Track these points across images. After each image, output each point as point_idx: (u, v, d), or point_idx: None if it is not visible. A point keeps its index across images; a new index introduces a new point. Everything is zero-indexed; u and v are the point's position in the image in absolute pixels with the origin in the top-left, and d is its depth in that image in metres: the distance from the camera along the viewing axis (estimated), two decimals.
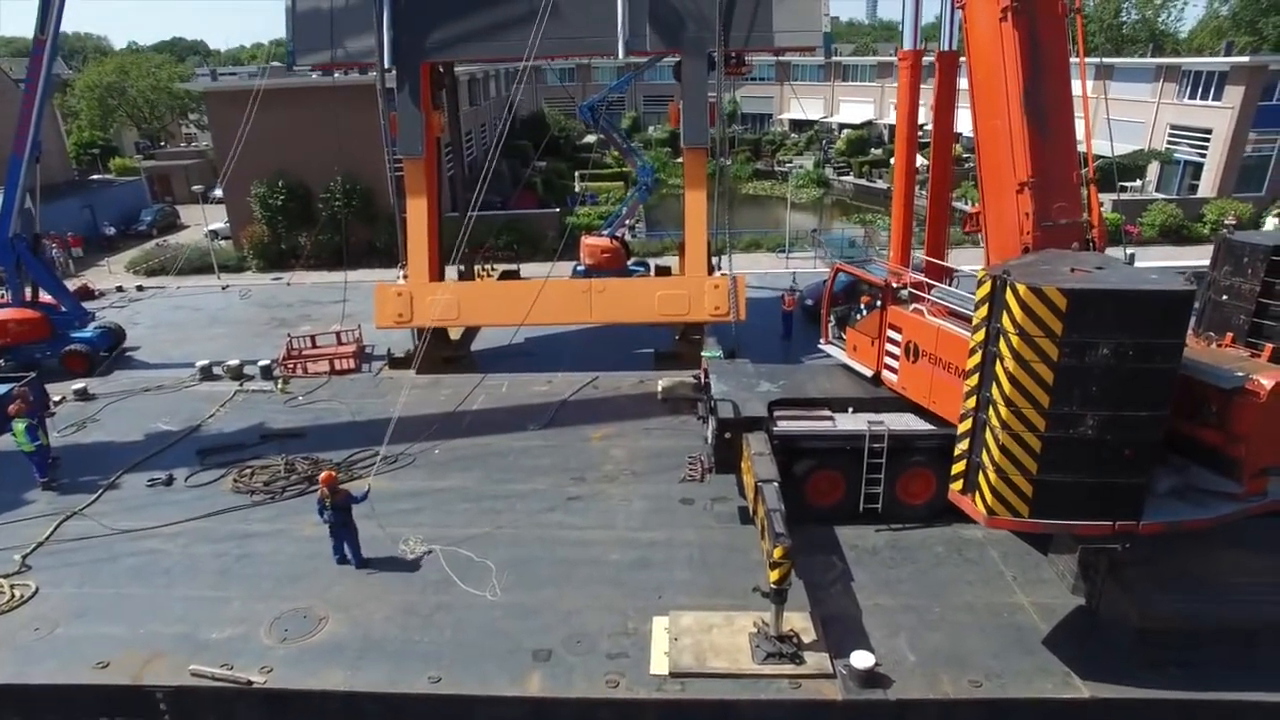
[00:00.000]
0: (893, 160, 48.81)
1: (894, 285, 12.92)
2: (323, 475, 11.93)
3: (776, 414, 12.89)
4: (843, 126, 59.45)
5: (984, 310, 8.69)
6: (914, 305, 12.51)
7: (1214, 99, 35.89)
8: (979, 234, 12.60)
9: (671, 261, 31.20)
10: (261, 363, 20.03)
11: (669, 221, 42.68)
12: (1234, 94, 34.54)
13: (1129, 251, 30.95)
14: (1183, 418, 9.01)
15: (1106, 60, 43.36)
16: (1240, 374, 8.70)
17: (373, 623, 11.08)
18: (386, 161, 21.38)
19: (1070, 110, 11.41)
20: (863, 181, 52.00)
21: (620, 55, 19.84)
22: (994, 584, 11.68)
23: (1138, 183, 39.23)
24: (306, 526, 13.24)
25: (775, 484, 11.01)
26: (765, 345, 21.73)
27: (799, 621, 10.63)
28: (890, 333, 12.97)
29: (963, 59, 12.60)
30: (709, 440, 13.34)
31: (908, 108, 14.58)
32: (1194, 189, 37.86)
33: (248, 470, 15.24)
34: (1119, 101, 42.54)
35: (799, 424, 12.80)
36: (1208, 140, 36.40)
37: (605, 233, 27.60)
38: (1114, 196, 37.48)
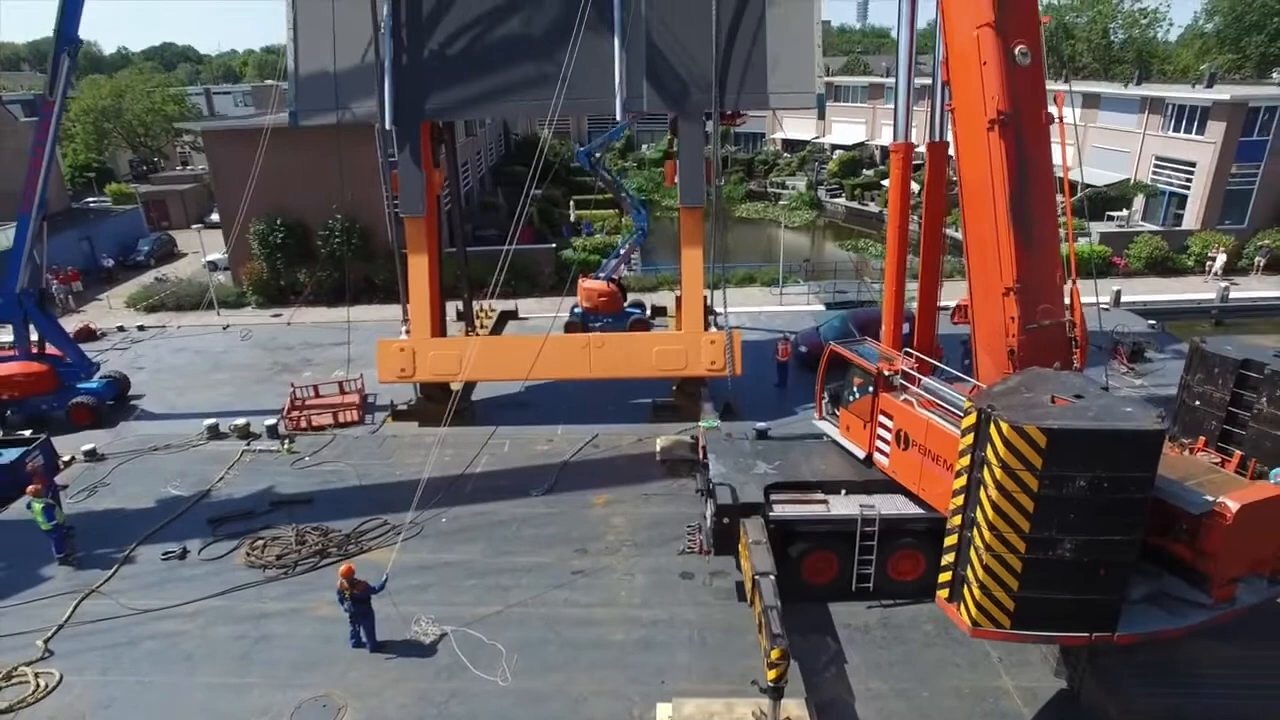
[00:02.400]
0: (885, 183, 49.51)
1: (885, 373, 13.45)
2: (342, 568, 12.38)
3: (773, 498, 13.42)
4: (835, 147, 60.09)
5: (969, 438, 9.24)
6: (904, 395, 13.04)
7: (1197, 133, 36.61)
8: (968, 324, 13.18)
9: (667, 299, 31.76)
10: (268, 422, 20.42)
11: (662, 246, 43.18)
12: (1216, 129, 35.25)
13: (1115, 289, 31.67)
14: (1155, 533, 9.58)
15: (1093, 89, 44.08)
16: (1208, 498, 9.28)
17: (389, 712, 11.56)
18: (385, 201, 21.72)
19: (1054, 216, 12.00)
20: (854, 204, 52.69)
21: (618, 116, 20.35)
22: (980, 667, 12.23)
23: (1124, 212, 39.97)
24: (320, 605, 13.72)
25: (772, 577, 11.55)
26: (761, 395, 22.24)
27: (795, 709, 11.12)
28: (882, 417, 13.51)
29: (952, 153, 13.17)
30: (708, 522, 13.86)
31: (899, 199, 15.10)
32: (1179, 218, 38.60)
33: (259, 542, 15.68)
34: (1106, 130, 43.40)
35: (794, 508, 13.33)
36: (1192, 172, 37.12)
37: (602, 275, 28.17)
38: (1101, 229, 38.30)
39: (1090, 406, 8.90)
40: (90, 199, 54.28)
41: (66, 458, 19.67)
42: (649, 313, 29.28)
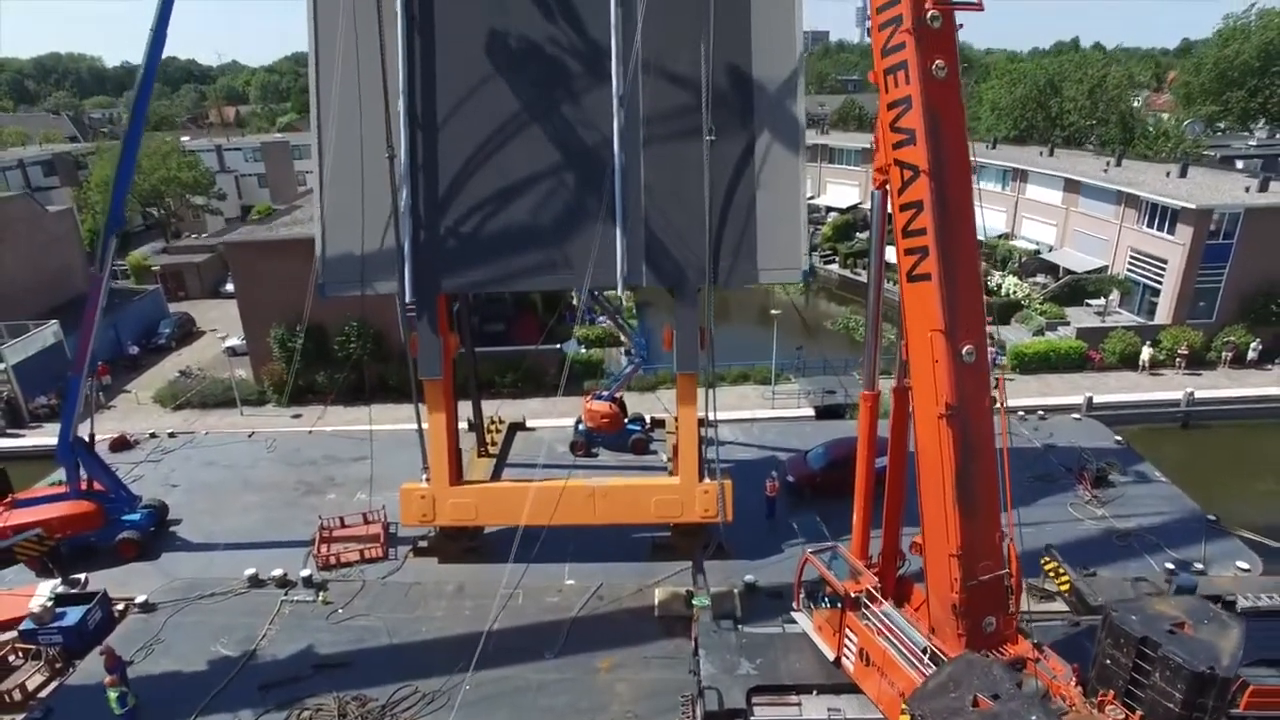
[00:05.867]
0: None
1: (852, 594, 15.48)
2: None
3: (754, 700, 15.48)
4: (829, 209, 62.09)
5: None
6: (866, 619, 15.07)
7: (1168, 232, 38.62)
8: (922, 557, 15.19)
9: (666, 398, 33.79)
10: (303, 572, 22.42)
11: (660, 307, 44.92)
12: (1185, 232, 37.28)
13: (1087, 395, 33.75)
14: None
15: (1073, 176, 46.09)
16: None
17: None
18: (400, 311, 22.88)
19: (996, 490, 13.93)
20: (846, 273, 54.74)
21: (619, 292, 22.35)
22: None
23: (1102, 301, 41.99)
24: None
25: None
26: (751, 528, 24.14)
27: None
28: (849, 630, 15.56)
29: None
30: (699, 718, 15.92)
31: (867, 439, 17.05)
32: (1154, 305, 40.62)
33: (306, 714, 17.71)
34: (1086, 216, 45.47)
35: (772, 710, 15.40)
36: (1164, 268, 39.11)
37: (604, 395, 30.24)
38: (1079, 323, 40.34)
39: (1003, 712, 10.96)
40: None
41: (120, 606, 21.72)
42: (648, 424, 31.35)
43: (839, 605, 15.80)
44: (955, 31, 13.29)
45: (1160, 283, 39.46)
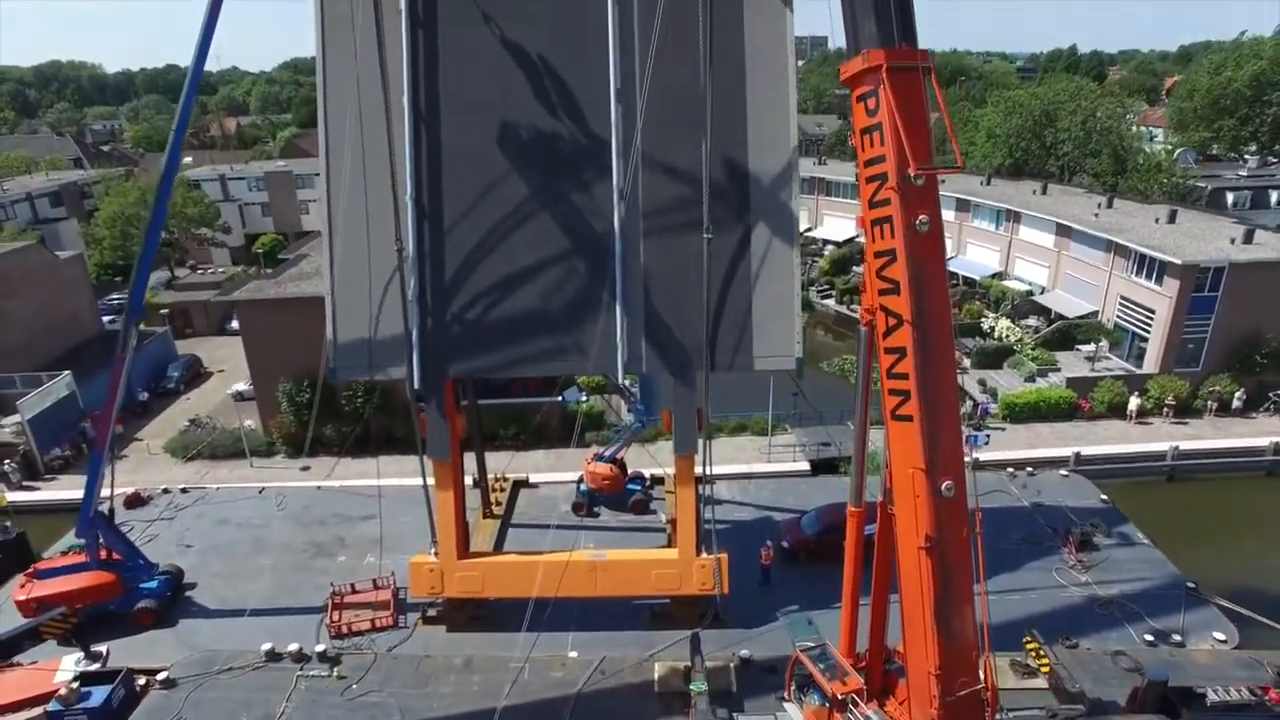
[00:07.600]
0: None
1: (839, 696, 16.39)
2: None
3: None
4: (826, 243, 62.84)
5: None
6: None
7: (1156, 282, 39.46)
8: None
9: (662, 450, 34.58)
10: (318, 648, 23.29)
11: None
12: (1172, 284, 38.13)
13: (1074, 451, 34.58)
14: None
15: (1063, 221, 46.95)
16: None
17: None
18: (407, 366, 23.68)
19: (972, 611, 14.81)
20: (843, 308, 55.53)
21: (619, 379, 23.21)
22: None
23: (1091, 346, 42.82)
24: None
25: None
26: (746, 592, 25.04)
27: None
28: None
29: None
30: None
31: (854, 556, 17.91)
32: (1142, 351, 41.44)
33: None
34: (1078, 261, 46.33)
35: None
36: (1152, 317, 39.93)
37: (606, 455, 31.14)
38: (1069, 372, 41.19)
39: None
40: (115, 296, 57.21)
41: (142, 682, 22.60)
42: (648, 481, 32.24)
43: (826, 704, 16.71)
44: (938, 189, 14.17)
45: (1149, 331, 40.28)
